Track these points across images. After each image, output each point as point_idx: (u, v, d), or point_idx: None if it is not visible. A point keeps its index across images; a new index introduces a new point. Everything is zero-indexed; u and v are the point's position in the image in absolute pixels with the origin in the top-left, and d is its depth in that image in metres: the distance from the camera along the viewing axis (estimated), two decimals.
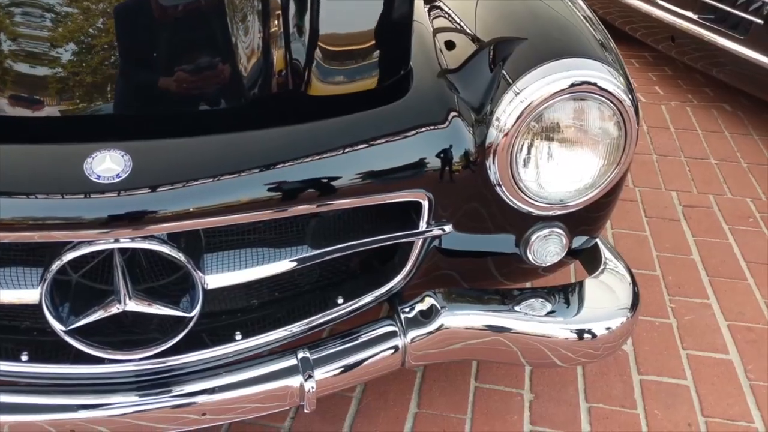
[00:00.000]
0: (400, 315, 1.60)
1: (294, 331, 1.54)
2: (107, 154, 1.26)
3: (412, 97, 1.53)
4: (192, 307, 1.40)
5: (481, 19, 1.74)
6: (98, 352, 1.38)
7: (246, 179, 1.33)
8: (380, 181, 1.47)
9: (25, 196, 1.23)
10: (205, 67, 1.42)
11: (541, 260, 1.63)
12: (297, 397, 1.47)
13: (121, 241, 1.29)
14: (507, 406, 1.97)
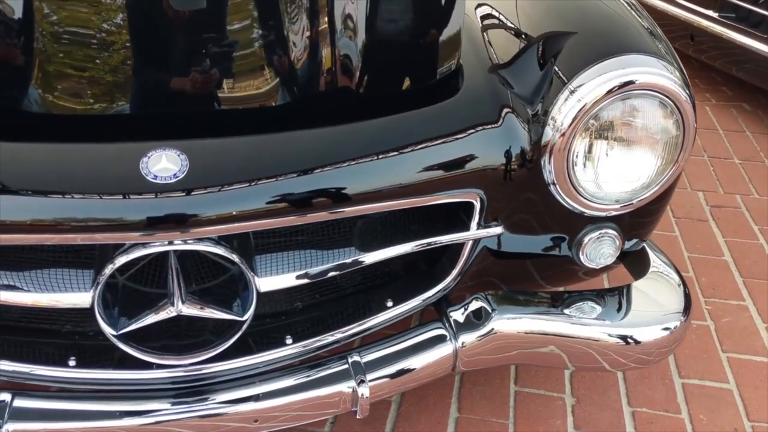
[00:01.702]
0: (449, 318, 1.57)
1: (346, 335, 1.51)
2: (162, 153, 1.23)
3: (464, 94, 1.50)
4: (244, 311, 1.37)
5: (525, 14, 1.70)
6: (149, 357, 1.35)
7: (304, 180, 1.29)
8: (433, 181, 1.43)
9: (80, 197, 1.19)
10: (257, 66, 1.39)
11: (594, 262, 1.60)
12: (349, 402, 1.44)
13: (176, 243, 1.26)
14: (549, 410, 1.94)
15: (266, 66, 1.40)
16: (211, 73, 1.35)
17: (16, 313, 1.52)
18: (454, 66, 1.54)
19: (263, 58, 1.40)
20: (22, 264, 1.40)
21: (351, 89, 1.46)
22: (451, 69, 1.54)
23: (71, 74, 1.32)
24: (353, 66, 1.46)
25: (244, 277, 1.35)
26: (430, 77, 1.52)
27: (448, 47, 1.54)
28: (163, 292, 1.36)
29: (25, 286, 1.35)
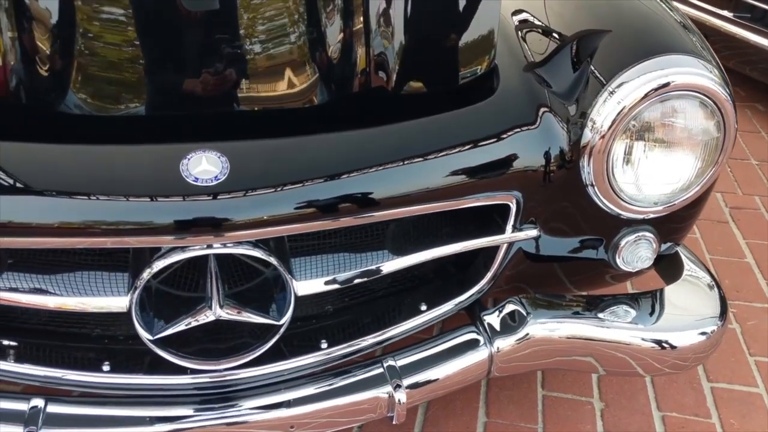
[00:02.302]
0: (483, 322, 1.55)
1: (381, 338, 1.49)
2: (203, 155, 1.21)
3: (501, 94, 1.48)
4: (281, 315, 1.34)
5: (555, 12, 1.68)
6: (185, 362, 1.32)
7: (344, 182, 1.27)
8: (470, 183, 1.41)
9: (121, 199, 1.17)
10: (294, 67, 1.37)
11: (631, 266, 1.57)
12: (386, 408, 1.42)
13: (214, 246, 1.23)
14: (578, 415, 1.92)
15: (302, 67, 1.38)
16: (246, 74, 1.33)
17: (43, 317, 1.50)
18: (489, 65, 1.52)
19: (299, 59, 1.38)
20: (54, 267, 1.38)
21: (387, 90, 1.44)
22: (487, 68, 1.52)
23: (109, 76, 1.30)
24: (389, 67, 1.44)
25: (282, 280, 1.32)
26: (466, 77, 1.49)
27: (484, 46, 1.52)
28: (197, 296, 1.34)
29: (57, 289, 1.33)
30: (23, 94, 1.33)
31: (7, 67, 1.33)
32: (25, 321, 1.49)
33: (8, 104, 1.33)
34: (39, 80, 1.32)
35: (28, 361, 1.37)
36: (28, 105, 1.32)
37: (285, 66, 1.36)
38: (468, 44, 1.51)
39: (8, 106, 1.33)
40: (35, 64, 1.32)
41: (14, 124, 1.29)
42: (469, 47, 1.51)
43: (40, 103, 1.32)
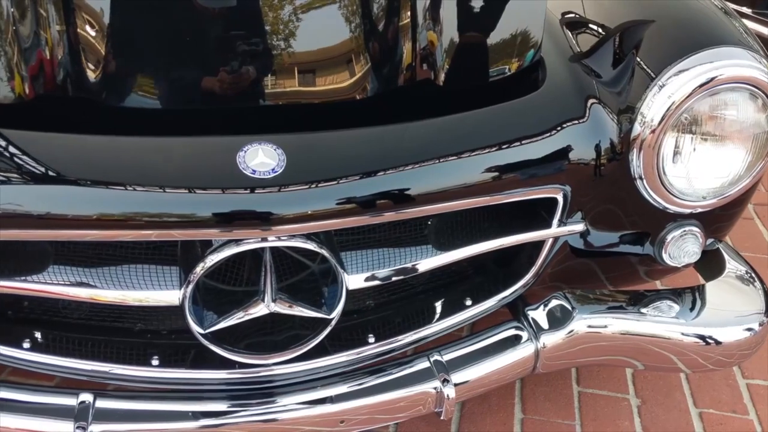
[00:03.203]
0: (528, 318, 1.54)
1: (427, 333, 1.48)
2: (259, 147, 1.19)
3: (549, 86, 1.47)
4: (331, 308, 1.33)
5: (596, 3, 1.67)
6: (236, 356, 1.31)
7: (398, 176, 1.26)
8: (519, 176, 1.39)
9: (178, 191, 1.16)
10: (344, 60, 1.37)
11: (677, 261, 1.56)
12: (434, 403, 1.41)
13: (269, 239, 1.22)
14: (615, 411, 1.91)
15: (353, 60, 1.37)
16: (299, 68, 1.33)
17: (84, 312, 1.49)
18: (536, 57, 1.51)
19: (351, 52, 1.37)
20: (100, 261, 1.37)
21: (435, 83, 1.43)
22: (534, 60, 1.51)
23: (160, 69, 1.30)
24: (436, 60, 1.43)
25: (332, 274, 1.32)
26: (513, 69, 1.48)
27: (530, 38, 1.51)
28: (247, 290, 1.33)
29: (105, 283, 1.32)
30: (70, 87, 1.33)
31: (54, 61, 1.32)
32: (66, 316, 1.48)
33: (56, 97, 1.32)
34: (87, 73, 1.31)
35: (75, 356, 1.36)
36: (76, 98, 1.32)
37: (337, 59, 1.36)
38: (514, 36, 1.50)
39: (56, 99, 1.32)
40: (83, 57, 1.31)
41: (64, 117, 1.27)
42: (516, 39, 1.50)
43: (88, 97, 1.31)
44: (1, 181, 1.17)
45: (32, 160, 1.19)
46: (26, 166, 1.18)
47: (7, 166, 1.19)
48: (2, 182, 1.17)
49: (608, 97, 1.46)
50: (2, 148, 1.21)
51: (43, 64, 1.31)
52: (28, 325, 1.44)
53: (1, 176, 1.18)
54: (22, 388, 1.32)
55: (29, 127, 1.24)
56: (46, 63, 1.31)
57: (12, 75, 1.26)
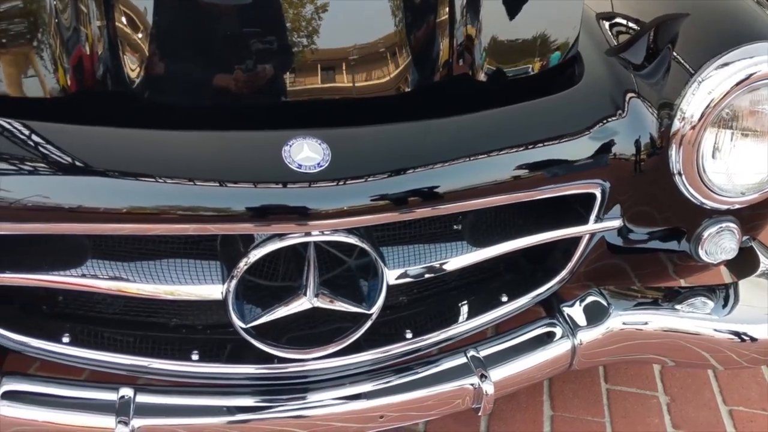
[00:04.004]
0: (563, 314, 1.53)
1: (465, 329, 1.47)
2: (304, 141, 1.19)
3: (587, 80, 1.47)
4: (371, 304, 1.33)
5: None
6: (277, 351, 1.31)
7: (441, 171, 1.26)
8: (557, 171, 1.39)
9: (224, 185, 1.16)
10: (384, 55, 1.37)
11: (713, 257, 1.56)
12: (472, 399, 1.40)
13: (313, 234, 1.22)
14: (644, 409, 1.90)
15: (394, 56, 1.37)
16: (340, 62, 1.32)
17: (119, 306, 1.49)
18: (573, 52, 1.51)
19: (391, 48, 1.37)
20: (139, 255, 1.36)
21: (474, 79, 1.43)
22: (571, 55, 1.51)
23: (201, 64, 1.30)
24: (474, 56, 1.43)
25: (373, 269, 1.31)
26: (552, 65, 1.48)
27: (567, 32, 1.51)
28: (287, 285, 1.33)
29: (144, 278, 1.32)
30: (110, 82, 1.32)
31: (94, 56, 1.32)
32: (101, 311, 1.48)
33: (96, 91, 1.32)
34: (127, 69, 1.31)
35: (113, 350, 1.36)
36: (116, 92, 1.32)
37: (377, 55, 1.35)
38: (551, 31, 1.50)
39: (96, 93, 1.32)
40: (123, 52, 1.31)
41: (105, 111, 1.27)
42: (553, 34, 1.50)
43: (129, 91, 1.31)
44: (49, 173, 1.18)
45: (76, 153, 1.19)
46: (71, 159, 1.18)
47: (50, 159, 1.19)
48: (50, 175, 1.17)
49: (647, 91, 1.46)
50: (45, 141, 1.21)
51: (84, 59, 1.31)
52: (62, 320, 1.45)
53: (47, 169, 1.18)
54: (62, 383, 1.32)
55: (72, 120, 1.23)
56: (87, 58, 1.31)
57: (55, 68, 1.26)
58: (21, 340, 1.34)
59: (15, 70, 1.30)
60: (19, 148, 1.20)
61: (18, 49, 1.28)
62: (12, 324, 1.35)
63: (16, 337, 1.34)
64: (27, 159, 1.19)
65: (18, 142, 1.21)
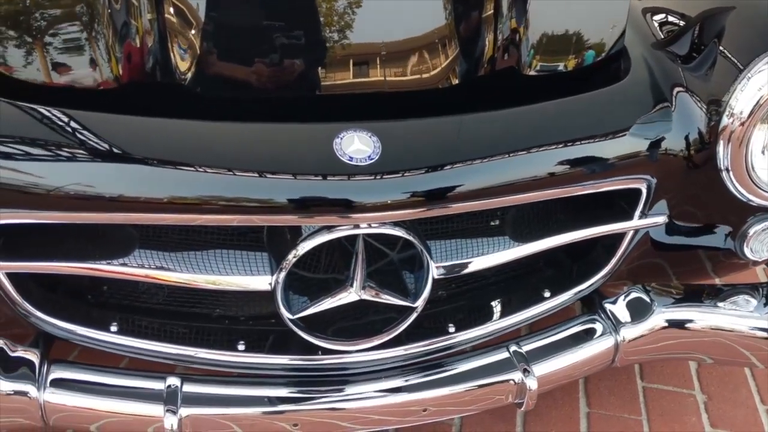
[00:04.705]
0: (605, 311, 1.53)
1: (507, 324, 1.47)
2: (354, 134, 1.20)
3: (635, 74, 1.46)
4: (417, 297, 1.33)
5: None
6: (322, 342, 1.32)
7: (488, 165, 1.26)
8: (604, 166, 1.38)
9: (274, 177, 1.16)
10: (433, 49, 1.37)
11: (759, 255, 1.54)
12: (515, 394, 1.40)
13: (361, 226, 1.22)
14: (682, 407, 1.89)
15: (440, 49, 1.37)
16: (387, 56, 1.33)
17: (162, 297, 1.50)
18: (620, 46, 1.50)
19: (437, 41, 1.37)
20: (181, 246, 1.38)
21: (520, 73, 1.43)
22: (618, 49, 1.50)
23: (250, 58, 1.31)
24: (520, 50, 1.43)
25: (418, 262, 1.31)
26: (599, 58, 1.47)
27: (615, 27, 1.50)
28: (332, 277, 1.33)
29: (190, 268, 1.33)
30: (160, 73, 1.34)
31: (144, 48, 1.33)
32: (145, 301, 1.50)
33: (146, 83, 1.33)
34: (177, 61, 1.32)
35: (160, 340, 1.38)
36: (166, 84, 1.33)
37: (425, 48, 1.36)
38: (598, 25, 1.49)
39: (146, 84, 1.33)
40: (174, 45, 1.32)
41: (155, 102, 1.28)
42: (600, 28, 1.49)
43: (177, 83, 1.32)
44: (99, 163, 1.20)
45: (131, 144, 1.21)
46: (124, 149, 1.20)
47: (100, 150, 1.21)
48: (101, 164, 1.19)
49: (695, 85, 1.45)
50: (96, 131, 1.22)
51: (134, 51, 1.32)
52: (107, 309, 1.46)
53: (96, 159, 1.20)
54: (109, 372, 1.34)
55: (122, 111, 1.25)
56: (137, 50, 1.32)
57: (106, 59, 1.27)
58: (68, 327, 1.37)
59: (66, 61, 1.31)
60: (68, 138, 1.22)
61: (71, 39, 1.30)
62: (59, 312, 1.38)
63: (64, 325, 1.36)
64: (75, 148, 1.21)
65: (68, 132, 1.23)
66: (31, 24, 1.31)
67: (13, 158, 1.21)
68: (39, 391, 1.27)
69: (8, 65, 1.29)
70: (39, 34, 1.30)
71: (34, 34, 1.30)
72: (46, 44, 1.30)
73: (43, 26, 1.31)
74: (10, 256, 1.26)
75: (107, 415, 1.31)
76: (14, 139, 1.21)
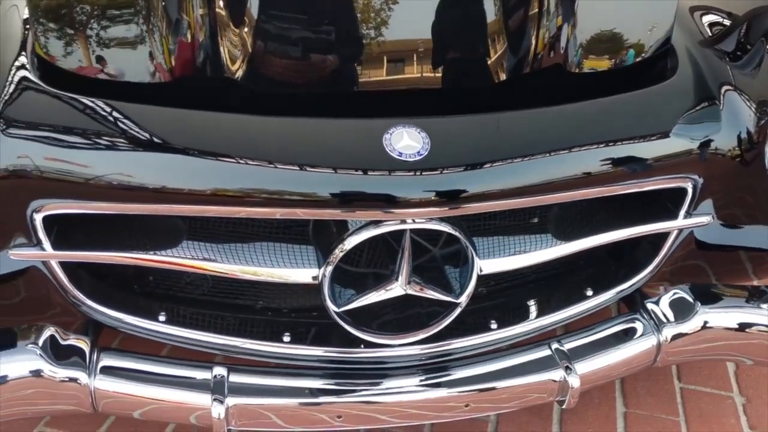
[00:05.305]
0: (647, 310, 1.52)
1: (549, 322, 1.48)
2: (404, 130, 1.21)
3: (682, 73, 1.45)
4: (461, 293, 1.34)
5: None
6: (366, 336, 1.33)
7: (534, 162, 1.26)
8: (651, 164, 1.38)
9: (325, 170, 1.18)
10: (479, 46, 1.37)
11: None
12: (557, 392, 1.40)
13: (408, 222, 1.23)
14: (720, 409, 1.88)
15: (489, 45, 1.37)
16: (434, 52, 1.34)
17: (206, 288, 1.52)
18: (668, 44, 1.50)
19: (483, 39, 1.38)
20: (228, 238, 1.40)
21: (567, 71, 1.43)
22: (666, 47, 1.49)
23: (297, 54, 1.32)
24: (569, 48, 1.43)
25: (464, 257, 1.32)
26: (646, 56, 1.47)
27: (662, 25, 1.49)
28: (376, 272, 1.34)
29: (238, 260, 1.35)
30: (210, 68, 1.36)
31: (195, 43, 1.35)
32: (189, 292, 1.52)
33: (198, 77, 1.36)
34: (226, 55, 1.34)
35: (206, 330, 1.40)
36: (216, 78, 1.35)
37: (472, 44, 1.36)
38: (646, 23, 1.49)
39: (198, 79, 1.36)
40: (225, 40, 1.34)
41: (207, 96, 1.31)
42: (647, 26, 1.49)
43: (227, 78, 1.34)
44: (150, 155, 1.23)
45: (180, 136, 1.23)
46: (177, 142, 1.22)
47: (152, 142, 1.24)
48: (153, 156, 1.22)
49: (743, 84, 1.44)
50: (147, 124, 1.25)
51: (185, 45, 1.34)
52: (152, 299, 1.49)
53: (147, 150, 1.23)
54: (156, 360, 1.36)
55: (175, 104, 1.27)
56: (188, 45, 1.35)
57: (161, 51, 1.30)
58: (117, 316, 1.40)
59: (118, 53, 1.34)
60: (115, 129, 1.25)
61: (125, 33, 1.33)
62: (108, 301, 1.41)
63: (114, 314, 1.39)
64: (122, 139, 1.24)
65: (115, 123, 1.26)
66: (87, 15, 1.35)
67: (64, 149, 1.24)
68: (90, 378, 1.30)
69: (54, 55, 1.32)
70: (94, 27, 1.34)
71: (89, 25, 1.34)
72: (100, 37, 1.33)
73: (98, 19, 1.35)
74: (65, 245, 1.30)
75: (152, 402, 1.33)
76: (65, 131, 1.25)
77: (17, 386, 1.27)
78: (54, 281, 1.33)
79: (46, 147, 1.23)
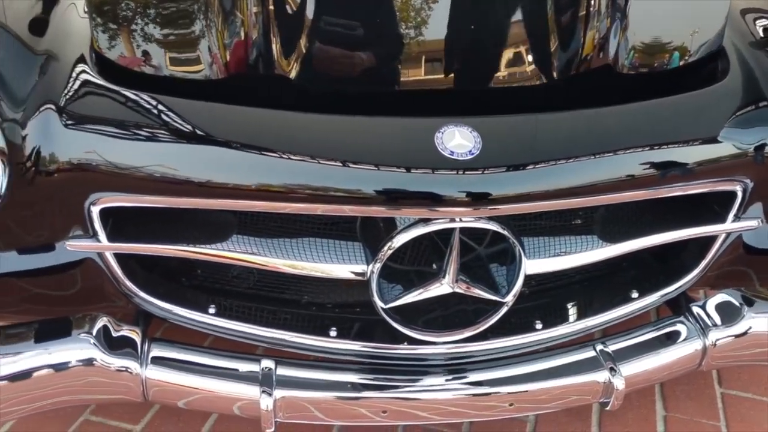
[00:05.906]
0: (693, 314, 1.51)
1: (595, 323, 1.47)
2: (455, 129, 1.22)
3: (734, 75, 1.44)
4: (507, 292, 1.35)
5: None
6: (413, 332, 1.34)
7: (586, 163, 1.26)
8: (701, 167, 1.37)
9: (376, 168, 1.19)
10: (529, 47, 1.37)
11: None
12: (601, 393, 1.40)
13: (458, 220, 1.24)
14: (762, 415, 1.85)
15: (536, 46, 1.37)
16: (485, 54, 1.35)
17: (252, 282, 1.54)
18: (719, 46, 1.49)
19: (533, 39, 1.38)
20: (277, 233, 1.42)
21: (618, 72, 1.43)
22: (718, 49, 1.48)
23: (348, 54, 1.34)
24: (619, 49, 1.42)
25: (511, 257, 1.33)
26: (697, 58, 1.46)
27: (714, 27, 1.48)
28: (423, 270, 1.35)
29: (286, 255, 1.37)
30: (262, 66, 1.38)
31: (249, 41, 1.37)
32: (236, 285, 1.54)
33: (250, 75, 1.38)
34: (278, 54, 1.36)
35: (256, 323, 1.42)
36: (269, 76, 1.37)
37: (522, 46, 1.36)
38: (697, 25, 1.47)
39: (250, 77, 1.38)
40: (278, 38, 1.35)
41: (259, 94, 1.32)
42: (699, 28, 1.48)
43: (280, 76, 1.36)
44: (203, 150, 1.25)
45: (234, 132, 1.25)
46: (230, 138, 1.24)
47: (207, 138, 1.26)
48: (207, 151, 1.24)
49: None
50: (203, 120, 1.28)
51: (239, 43, 1.36)
52: (200, 291, 1.52)
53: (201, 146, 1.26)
54: (205, 352, 1.39)
55: (228, 101, 1.29)
56: (241, 43, 1.37)
57: (217, 47, 1.32)
58: (166, 307, 1.42)
59: (175, 50, 1.37)
60: (166, 124, 1.28)
61: (180, 30, 1.36)
62: (158, 293, 1.44)
63: (164, 305, 1.42)
64: (172, 134, 1.27)
65: (166, 119, 1.29)
66: (143, 11, 1.37)
67: (122, 143, 1.27)
68: (141, 368, 1.33)
69: (112, 51, 1.36)
70: (150, 23, 1.36)
71: (145, 21, 1.36)
72: (156, 33, 1.36)
73: (153, 15, 1.37)
74: (119, 238, 1.33)
75: (199, 392, 1.36)
76: (122, 125, 1.28)
77: (70, 374, 1.31)
78: (108, 272, 1.36)
79: (104, 141, 1.26)
